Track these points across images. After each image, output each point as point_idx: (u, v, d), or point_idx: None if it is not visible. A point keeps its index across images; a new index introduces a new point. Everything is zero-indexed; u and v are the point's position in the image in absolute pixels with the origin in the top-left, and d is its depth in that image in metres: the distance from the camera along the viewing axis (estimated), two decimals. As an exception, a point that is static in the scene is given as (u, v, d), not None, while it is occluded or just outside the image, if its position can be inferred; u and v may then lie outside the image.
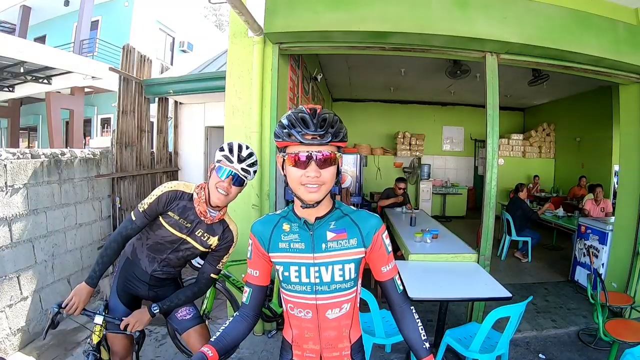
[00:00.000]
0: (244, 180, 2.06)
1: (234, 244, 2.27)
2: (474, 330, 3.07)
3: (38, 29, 15.22)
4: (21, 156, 3.47)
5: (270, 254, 1.44)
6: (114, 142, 5.28)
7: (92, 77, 11.91)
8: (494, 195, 3.78)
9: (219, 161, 2.02)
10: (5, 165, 3.27)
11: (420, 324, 1.46)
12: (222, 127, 3.96)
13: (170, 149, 6.89)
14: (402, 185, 6.79)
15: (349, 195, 5.40)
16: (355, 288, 1.45)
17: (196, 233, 2.18)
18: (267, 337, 3.89)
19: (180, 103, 6.93)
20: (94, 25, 15.45)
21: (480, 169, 11.27)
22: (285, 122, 1.30)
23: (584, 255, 5.37)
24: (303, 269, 1.39)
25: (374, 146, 10.70)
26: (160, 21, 16.46)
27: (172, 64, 15.33)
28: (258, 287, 1.51)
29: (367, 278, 4.16)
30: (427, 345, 1.43)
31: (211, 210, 2.13)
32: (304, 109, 1.30)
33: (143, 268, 2.29)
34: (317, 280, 1.39)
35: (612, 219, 5.07)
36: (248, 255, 1.50)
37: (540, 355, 3.68)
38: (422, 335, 1.43)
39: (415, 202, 9.87)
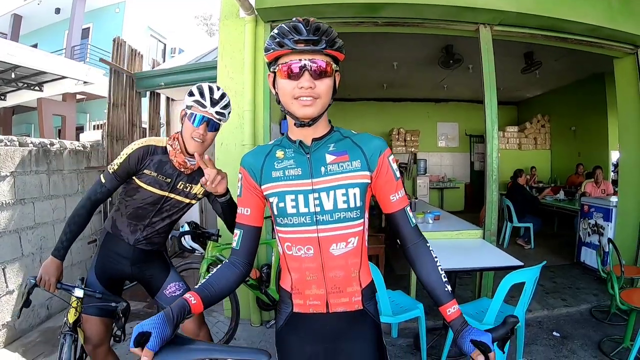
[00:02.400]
0: (219, 125, 1.90)
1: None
2: (485, 305, 2.91)
3: (29, 37, 15.20)
4: (8, 143, 3.38)
5: (262, 187, 1.25)
6: (105, 134, 5.19)
7: (84, 83, 11.87)
8: (496, 168, 3.72)
9: (190, 107, 1.86)
10: None
11: (439, 262, 1.26)
12: None
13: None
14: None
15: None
16: (363, 220, 1.24)
17: (178, 187, 2.00)
18: (266, 327, 3.75)
19: (172, 100, 6.87)
20: (85, 32, 15.48)
21: (477, 164, 11.24)
22: (276, 31, 1.16)
23: (589, 235, 5.30)
24: (300, 197, 1.20)
25: (368, 145, 10.59)
26: (151, 27, 16.47)
27: (164, 69, 15.26)
28: (250, 227, 1.29)
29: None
30: (449, 288, 1.23)
31: (190, 159, 1.95)
32: (296, 19, 1.16)
33: (125, 240, 2.10)
34: (318, 209, 1.19)
35: (614, 197, 5.03)
36: (237, 193, 1.31)
37: (555, 333, 3.61)
38: (442, 275, 1.23)
39: (413, 195, 9.79)
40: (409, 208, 1.29)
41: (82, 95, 12.89)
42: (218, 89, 1.89)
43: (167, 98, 6.82)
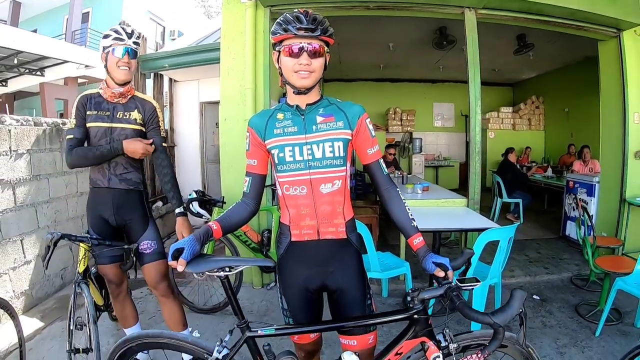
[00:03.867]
0: (137, 52, 2.28)
1: (157, 108, 2.44)
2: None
3: (28, 23, 15.21)
4: (24, 123, 3.57)
5: (266, 142, 1.56)
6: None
7: (86, 66, 12.01)
8: (479, 142, 3.98)
9: (110, 45, 2.21)
10: (9, 131, 3.37)
11: (407, 204, 1.60)
12: (216, 103, 4.10)
13: (166, 126, 7.00)
14: (392, 151, 7.00)
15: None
16: (345, 167, 1.56)
17: (117, 116, 2.31)
18: (266, 289, 4.09)
19: (175, 81, 7.05)
20: (85, 17, 15.50)
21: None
22: (282, 19, 1.47)
23: (574, 210, 5.54)
24: (296, 148, 1.52)
25: (366, 123, 10.75)
26: (150, 11, 16.51)
27: (164, 53, 15.33)
28: (257, 175, 1.63)
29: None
30: (415, 223, 1.56)
31: (117, 88, 2.29)
32: (297, 10, 1.48)
33: (102, 186, 2.36)
34: (310, 157, 1.52)
35: (597, 175, 5.26)
36: (246, 147, 1.62)
37: (535, 296, 3.86)
38: (409, 214, 1.57)
39: (407, 171, 9.95)
40: (382, 161, 1.64)
41: (83, 79, 13.00)
42: (128, 25, 2.31)
43: (170, 79, 7.01)
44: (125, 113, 2.33)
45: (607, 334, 3.08)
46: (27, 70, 11.60)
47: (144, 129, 2.40)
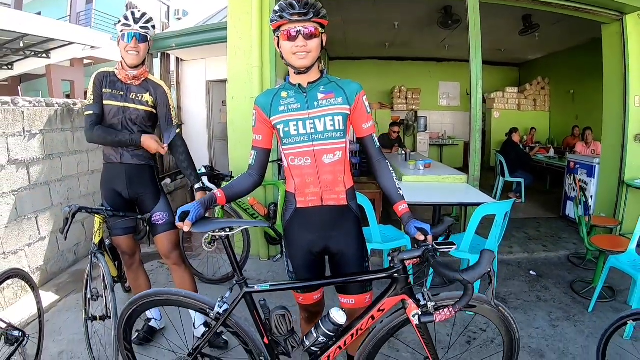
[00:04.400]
0: (147, 37, 2.34)
1: (168, 93, 2.55)
2: (462, 239, 3.25)
3: (32, 6, 15.16)
4: (37, 104, 3.66)
5: (271, 118, 1.70)
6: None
7: (91, 47, 12.03)
8: (479, 119, 4.06)
9: (120, 31, 2.29)
10: (22, 112, 3.45)
11: (394, 174, 1.76)
12: (223, 81, 4.18)
13: (174, 104, 7.05)
14: (396, 129, 7.06)
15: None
16: (345, 140, 1.71)
17: (130, 97, 2.42)
18: (272, 261, 4.27)
19: (182, 60, 7.11)
20: (89, -2, 15.46)
21: None
22: (277, 8, 1.60)
23: (574, 190, 5.57)
24: (300, 123, 1.67)
25: (371, 101, 10.66)
26: (155, -10, 16.42)
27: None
28: (262, 149, 1.78)
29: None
30: (401, 192, 1.73)
31: (131, 71, 2.38)
32: None
33: (115, 161, 2.49)
34: (313, 131, 1.67)
35: (598, 156, 5.30)
36: (252, 124, 1.77)
37: (532, 272, 3.98)
38: (396, 183, 1.74)
39: (411, 149, 9.96)
40: (375, 135, 1.80)
41: (89, 60, 13.06)
42: (139, 10, 2.35)
43: (177, 58, 7.07)
44: (138, 95, 2.44)
45: (599, 310, 3.19)
46: (33, 53, 11.62)
47: (154, 111, 2.51)
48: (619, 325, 1.93)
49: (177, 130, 2.57)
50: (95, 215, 2.44)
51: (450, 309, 1.45)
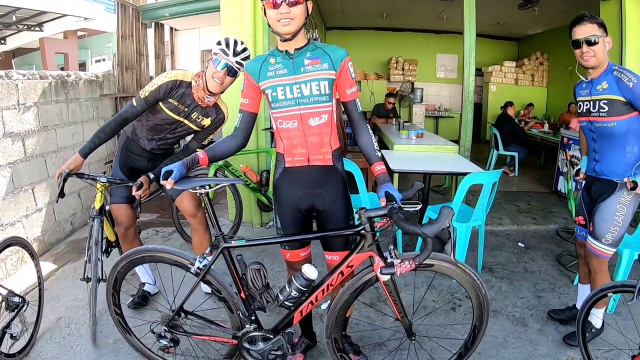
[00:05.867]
0: (237, 72, 2.26)
1: (224, 123, 2.57)
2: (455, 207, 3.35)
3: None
4: (30, 77, 3.64)
5: (260, 83, 1.76)
6: (116, 64, 5.51)
7: (85, 19, 11.92)
8: (472, 91, 4.09)
9: (216, 54, 2.20)
10: (17, 85, 3.43)
11: (373, 136, 1.85)
12: None
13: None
14: (391, 100, 7.06)
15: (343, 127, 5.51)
16: (331, 103, 1.76)
17: (192, 116, 2.43)
18: (265, 228, 4.35)
19: (176, 29, 7.05)
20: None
21: (475, 96, 11.25)
22: None
23: (566, 166, 5.56)
24: (287, 88, 1.72)
25: (368, 72, 10.78)
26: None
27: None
28: (248, 113, 1.84)
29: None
30: (379, 154, 1.81)
31: (207, 96, 2.36)
32: None
33: (142, 146, 2.58)
34: (299, 95, 1.72)
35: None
36: (242, 88, 1.82)
37: (520, 243, 4.04)
38: (375, 145, 1.82)
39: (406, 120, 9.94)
40: (358, 100, 1.86)
41: (82, 31, 12.96)
42: (242, 43, 2.25)
43: (171, 28, 7.01)
44: (200, 117, 2.46)
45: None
46: (26, 27, 11.49)
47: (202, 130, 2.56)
48: (600, 296, 1.97)
49: (198, 150, 2.53)
50: (92, 181, 2.47)
51: (411, 262, 1.53)
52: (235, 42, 2.20)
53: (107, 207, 2.67)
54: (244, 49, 2.23)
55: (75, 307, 2.83)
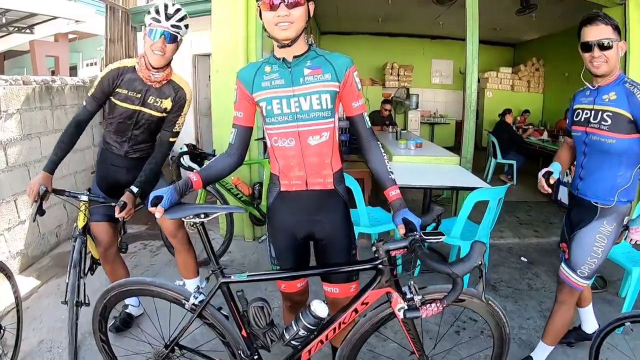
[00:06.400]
0: (177, 36, 2.10)
1: (187, 102, 2.30)
2: (453, 223, 3.17)
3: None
4: (13, 82, 3.49)
5: (253, 94, 1.56)
6: (103, 68, 5.32)
7: (76, 22, 11.71)
8: (474, 100, 3.93)
9: (149, 24, 2.05)
10: None
11: (386, 157, 1.63)
12: (209, 55, 4.03)
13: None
14: (387, 106, 6.97)
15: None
16: (333, 119, 1.57)
17: (149, 101, 2.22)
18: (258, 242, 4.15)
19: (167, 34, 6.86)
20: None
21: None
22: None
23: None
24: (284, 101, 1.52)
25: (363, 77, 10.48)
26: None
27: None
28: (243, 127, 1.65)
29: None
30: (393, 176, 1.60)
31: (154, 73, 2.15)
32: None
33: (117, 152, 2.35)
34: (297, 110, 1.52)
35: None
36: (234, 100, 1.63)
37: (523, 258, 3.89)
38: (387, 166, 1.61)
39: (402, 127, 9.87)
40: (366, 114, 1.65)
41: (73, 34, 12.80)
42: (173, 4, 2.09)
43: (162, 33, 6.82)
44: (158, 99, 2.24)
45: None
46: (16, 29, 11.30)
47: (168, 115, 2.32)
48: (616, 326, 1.83)
49: (173, 139, 2.36)
50: (73, 198, 2.29)
51: (438, 304, 1.37)
52: (166, 6, 2.05)
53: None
54: (177, 10, 2.08)
55: (58, 328, 2.65)
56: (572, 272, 2.03)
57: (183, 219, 1.55)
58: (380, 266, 1.48)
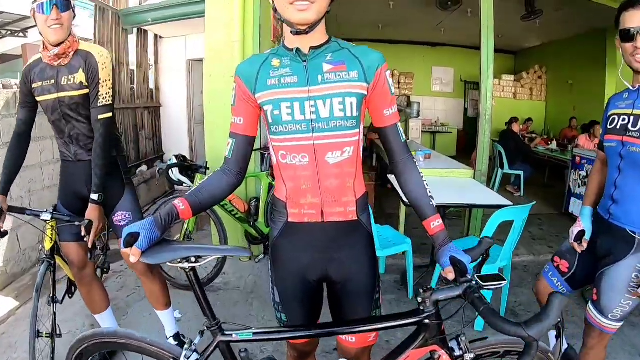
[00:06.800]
0: (70, 2, 1.88)
1: (101, 66, 1.96)
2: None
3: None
4: None
5: (257, 95, 1.23)
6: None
7: (71, 26, 11.56)
8: (490, 109, 3.65)
9: (33, 2, 1.84)
10: None
11: (425, 178, 1.30)
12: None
13: (152, 85, 6.64)
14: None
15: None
16: (358, 131, 1.24)
17: (62, 83, 1.94)
18: (254, 262, 3.80)
19: (161, 37, 6.66)
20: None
21: (471, 110, 11.25)
22: None
23: (579, 187, 5.30)
24: (296, 104, 1.19)
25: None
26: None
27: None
28: (242, 137, 1.30)
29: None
30: (434, 202, 1.26)
31: (53, 50, 1.90)
32: None
33: (70, 159, 2.09)
34: (314, 116, 1.19)
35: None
36: (232, 102, 1.30)
37: None
38: (427, 190, 1.27)
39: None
40: (400, 124, 1.30)
41: (67, 38, 12.60)
42: None
43: (155, 36, 6.60)
44: (70, 76, 1.94)
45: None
46: (9, 32, 11.07)
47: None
48: None
49: (104, 115, 2.00)
50: (34, 217, 2.02)
51: None
52: None
53: None
54: None
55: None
56: (602, 316, 1.69)
57: (167, 263, 1.17)
58: (426, 321, 1.17)
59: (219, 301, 3.06)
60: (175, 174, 2.99)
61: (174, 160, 3.01)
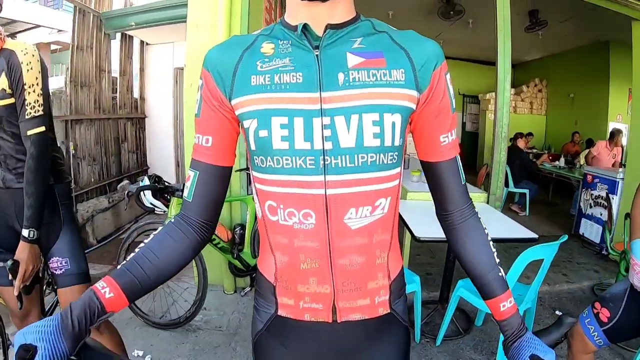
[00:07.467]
0: None
1: (25, 66, 1.54)
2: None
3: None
4: None
5: (233, 101, 0.74)
6: (68, 80, 4.63)
7: (59, 31, 11.31)
8: (506, 124, 3.25)
9: None
10: None
11: (490, 237, 0.84)
12: None
13: (136, 95, 6.25)
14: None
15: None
16: (399, 170, 0.78)
17: None
18: (240, 295, 3.34)
19: (147, 43, 6.29)
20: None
21: (469, 125, 11.15)
22: None
23: (591, 207, 5.01)
24: (299, 121, 0.70)
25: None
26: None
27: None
28: (210, 167, 0.79)
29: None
30: (503, 272, 0.82)
31: None
32: None
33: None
34: (329, 145, 0.70)
35: (621, 169, 4.72)
36: (195, 111, 0.81)
37: (557, 312, 3.35)
38: (495, 255, 0.82)
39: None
40: (459, 158, 0.85)
41: (56, 45, 12.26)
42: None
43: (141, 42, 6.24)
44: None
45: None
46: (-3, 37, 10.82)
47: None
48: None
49: (34, 130, 1.57)
50: None
51: None
52: None
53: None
54: None
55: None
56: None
57: None
58: None
59: (197, 345, 2.64)
60: (147, 197, 2.53)
61: (147, 182, 2.55)
